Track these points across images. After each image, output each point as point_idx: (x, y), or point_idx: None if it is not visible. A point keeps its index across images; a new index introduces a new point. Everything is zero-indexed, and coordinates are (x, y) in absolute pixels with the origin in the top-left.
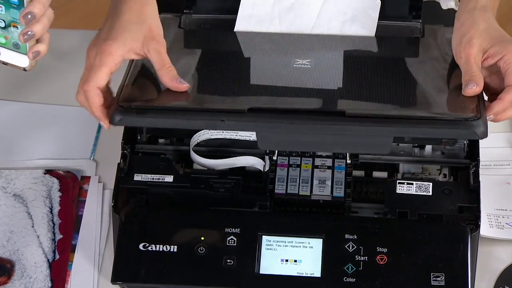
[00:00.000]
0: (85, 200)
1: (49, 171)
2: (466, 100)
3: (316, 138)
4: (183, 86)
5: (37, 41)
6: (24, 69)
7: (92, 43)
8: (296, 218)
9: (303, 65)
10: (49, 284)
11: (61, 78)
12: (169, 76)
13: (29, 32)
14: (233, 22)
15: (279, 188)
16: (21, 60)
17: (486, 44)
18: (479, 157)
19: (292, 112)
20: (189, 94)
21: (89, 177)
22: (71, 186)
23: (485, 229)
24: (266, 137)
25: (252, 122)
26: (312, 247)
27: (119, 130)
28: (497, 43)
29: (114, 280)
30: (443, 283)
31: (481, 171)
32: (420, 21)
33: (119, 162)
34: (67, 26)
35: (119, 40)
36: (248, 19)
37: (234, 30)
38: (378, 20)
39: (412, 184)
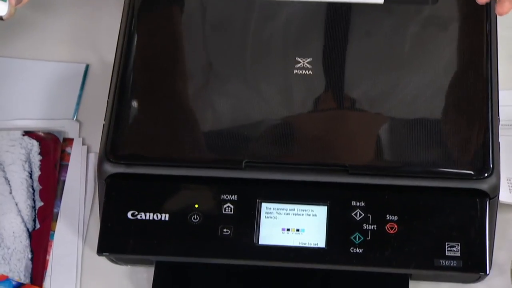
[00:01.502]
0: (67, 164)
1: (28, 133)
2: (477, 143)
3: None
4: None
5: None
6: (1, 18)
7: None
8: (299, 183)
9: (304, 69)
10: (29, 255)
11: (40, 30)
12: None
13: None
14: None
15: None
16: None
17: None
18: (498, 115)
19: (292, 168)
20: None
21: (72, 139)
22: (52, 149)
23: (504, 195)
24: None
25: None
26: (316, 215)
27: (105, 87)
28: None
29: (100, 251)
30: (458, 254)
31: (500, 132)
32: None
33: (104, 122)
34: None
35: None
36: None
37: None
38: None
39: None
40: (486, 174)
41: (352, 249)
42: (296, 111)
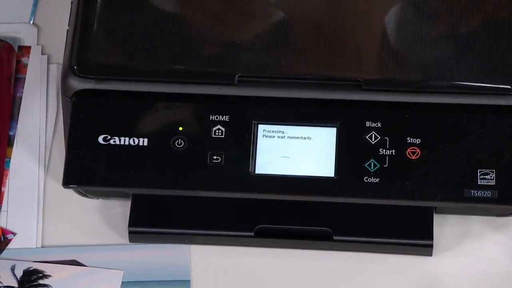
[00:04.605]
0: (24, 78)
1: None
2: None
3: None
4: None
5: None
6: None
7: None
8: (302, 101)
9: None
10: None
11: None
12: None
13: None
14: None
15: None
16: None
17: None
18: None
19: (294, 83)
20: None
21: (29, 47)
22: (5, 59)
23: None
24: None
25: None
26: (323, 139)
27: None
28: None
29: (66, 183)
30: (493, 182)
31: None
32: None
33: (68, 26)
34: None
35: None
36: None
37: None
38: None
39: None
40: None
41: (366, 179)
42: (299, 13)
